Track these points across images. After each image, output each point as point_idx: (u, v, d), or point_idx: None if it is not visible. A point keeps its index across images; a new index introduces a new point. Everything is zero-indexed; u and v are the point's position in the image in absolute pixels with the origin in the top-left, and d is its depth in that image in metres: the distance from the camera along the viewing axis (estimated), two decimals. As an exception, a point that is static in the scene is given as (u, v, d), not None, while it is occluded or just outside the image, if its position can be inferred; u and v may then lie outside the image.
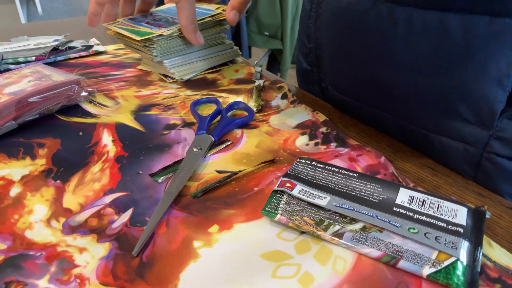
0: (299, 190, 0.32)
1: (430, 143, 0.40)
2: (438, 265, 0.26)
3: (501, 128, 0.35)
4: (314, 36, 0.51)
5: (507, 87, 0.33)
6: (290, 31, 1.96)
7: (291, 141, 0.41)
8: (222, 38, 0.58)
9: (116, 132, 0.42)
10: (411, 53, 0.37)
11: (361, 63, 0.43)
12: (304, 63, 0.56)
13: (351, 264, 0.27)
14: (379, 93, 0.43)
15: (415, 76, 0.38)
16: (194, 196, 0.33)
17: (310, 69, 0.55)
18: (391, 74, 0.40)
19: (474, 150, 0.37)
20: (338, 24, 0.44)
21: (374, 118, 0.45)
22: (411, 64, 0.37)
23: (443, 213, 0.29)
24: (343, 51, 0.45)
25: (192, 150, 0.38)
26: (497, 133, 0.35)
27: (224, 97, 0.50)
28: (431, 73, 0.36)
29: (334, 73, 0.49)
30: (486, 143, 0.36)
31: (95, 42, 0.67)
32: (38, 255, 0.27)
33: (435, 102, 0.37)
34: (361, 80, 0.44)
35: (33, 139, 0.40)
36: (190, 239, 0.29)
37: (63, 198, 0.33)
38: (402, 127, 0.42)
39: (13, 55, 0.58)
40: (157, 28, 0.52)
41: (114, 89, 0.51)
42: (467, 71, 0.34)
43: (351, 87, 0.47)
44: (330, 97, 0.52)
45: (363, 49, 0.42)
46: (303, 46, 0.55)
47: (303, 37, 0.54)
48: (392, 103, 0.42)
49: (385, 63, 0.40)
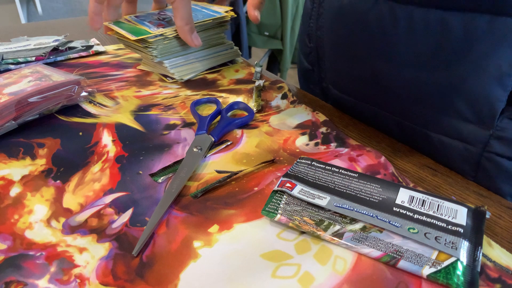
0: (299, 190, 0.32)
1: (430, 142, 0.40)
2: (438, 265, 0.26)
3: (501, 128, 0.35)
4: (315, 35, 0.51)
5: (508, 86, 0.33)
6: (290, 31, 1.97)
7: (291, 141, 0.41)
8: (222, 38, 0.58)
9: (116, 132, 0.42)
10: (412, 51, 0.37)
11: (362, 61, 0.43)
12: (305, 63, 0.57)
13: (351, 264, 0.27)
14: (380, 91, 0.43)
15: (416, 74, 0.38)
16: (194, 196, 0.33)
17: (311, 68, 0.55)
18: (392, 72, 0.40)
19: (474, 149, 0.37)
20: (340, 23, 0.44)
21: (374, 117, 0.45)
22: (412, 62, 0.38)
23: (443, 213, 0.29)
24: (345, 50, 0.45)
25: (192, 150, 0.38)
26: (497, 133, 0.35)
27: (224, 97, 0.50)
28: (432, 71, 0.36)
29: (335, 72, 0.49)
30: (486, 143, 0.36)
31: (95, 42, 0.67)
32: (38, 255, 0.27)
33: (435, 101, 0.37)
34: (362, 79, 0.44)
35: (33, 139, 0.40)
36: (190, 239, 0.29)
37: (63, 198, 0.33)
38: (402, 126, 0.42)
39: (13, 55, 0.58)
40: (155, 27, 0.52)
41: (114, 89, 0.51)
42: (468, 69, 0.34)
43: (352, 86, 0.47)
44: (330, 96, 0.52)
45: (364, 47, 0.42)
46: (304, 45, 0.55)
47: (304, 36, 0.54)
48: (392, 101, 0.42)
49: (386, 62, 0.40)
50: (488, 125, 0.35)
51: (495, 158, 0.36)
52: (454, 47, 0.34)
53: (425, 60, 0.36)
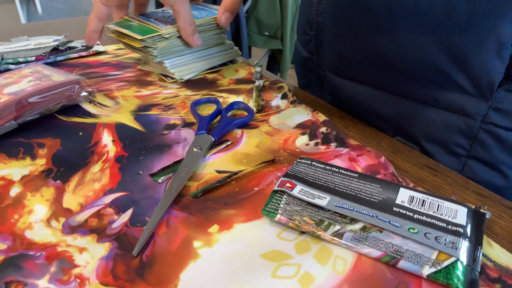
0: (299, 190, 0.32)
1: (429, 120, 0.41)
2: (438, 265, 0.26)
3: (500, 100, 0.37)
4: (316, 21, 0.52)
5: (505, 59, 0.35)
6: (290, 31, 1.97)
7: (291, 141, 0.41)
8: (223, 38, 0.58)
9: (116, 132, 0.42)
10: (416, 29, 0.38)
11: (365, 41, 0.44)
12: (303, 52, 0.58)
13: (351, 264, 0.27)
14: (382, 70, 0.44)
15: (419, 51, 0.39)
16: (194, 196, 0.33)
17: (309, 56, 0.56)
18: (395, 50, 0.41)
19: (473, 122, 0.39)
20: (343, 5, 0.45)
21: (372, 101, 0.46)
22: (416, 40, 0.39)
23: (443, 213, 0.29)
24: (347, 29, 0.46)
25: (192, 150, 0.38)
26: (495, 104, 0.37)
27: (224, 97, 0.50)
28: (435, 47, 0.38)
29: (336, 56, 0.51)
30: (484, 114, 0.38)
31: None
32: (38, 255, 0.27)
33: (436, 76, 0.39)
34: (364, 59, 0.45)
35: (33, 139, 0.40)
36: (190, 239, 0.29)
37: (63, 198, 0.33)
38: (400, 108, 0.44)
39: (13, 55, 0.58)
40: (163, 24, 0.52)
41: (114, 89, 0.51)
42: (469, 43, 0.36)
43: (352, 68, 0.48)
44: (328, 83, 0.53)
45: (368, 26, 0.43)
46: (304, 34, 0.56)
47: (304, 25, 0.55)
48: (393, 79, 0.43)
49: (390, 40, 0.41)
50: (487, 96, 0.37)
51: (493, 129, 0.38)
52: (457, 22, 0.36)
53: (428, 37, 0.38)
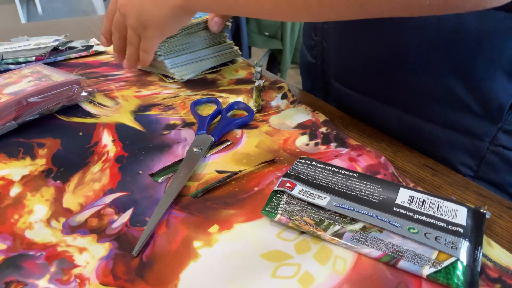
0: (299, 190, 0.32)
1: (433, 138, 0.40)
2: (438, 265, 0.26)
3: (510, 122, 0.36)
4: (321, 28, 0.51)
5: None
6: (290, 31, 1.96)
7: (291, 141, 0.41)
8: (224, 37, 0.58)
9: (116, 132, 0.42)
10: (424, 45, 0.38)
11: (371, 53, 0.43)
12: (308, 57, 0.57)
13: (351, 264, 0.27)
14: (387, 85, 0.43)
15: (426, 67, 0.38)
16: (194, 196, 0.33)
17: (314, 62, 0.55)
18: (401, 65, 0.40)
19: (481, 143, 0.38)
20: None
21: (376, 112, 0.45)
22: (423, 56, 0.38)
23: (443, 213, 0.29)
24: (352, 41, 0.45)
25: (192, 150, 0.38)
26: (505, 126, 0.36)
27: (224, 97, 0.50)
28: (442, 65, 0.37)
29: (340, 66, 0.49)
30: (493, 136, 0.37)
31: (95, 42, 0.67)
32: (38, 255, 0.27)
33: (444, 95, 0.38)
34: (369, 72, 0.44)
35: (33, 139, 0.40)
36: (190, 239, 0.29)
37: (63, 198, 0.33)
38: (404, 122, 0.42)
39: (13, 55, 0.58)
40: None
41: (114, 89, 0.51)
42: (478, 64, 0.35)
43: (357, 80, 0.47)
44: (333, 91, 0.52)
45: (374, 40, 0.42)
46: (309, 39, 0.55)
47: (310, 30, 0.54)
48: (399, 95, 0.42)
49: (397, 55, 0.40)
50: (497, 119, 0.36)
51: (502, 151, 0.37)
52: (467, 41, 0.35)
53: (436, 54, 0.37)
